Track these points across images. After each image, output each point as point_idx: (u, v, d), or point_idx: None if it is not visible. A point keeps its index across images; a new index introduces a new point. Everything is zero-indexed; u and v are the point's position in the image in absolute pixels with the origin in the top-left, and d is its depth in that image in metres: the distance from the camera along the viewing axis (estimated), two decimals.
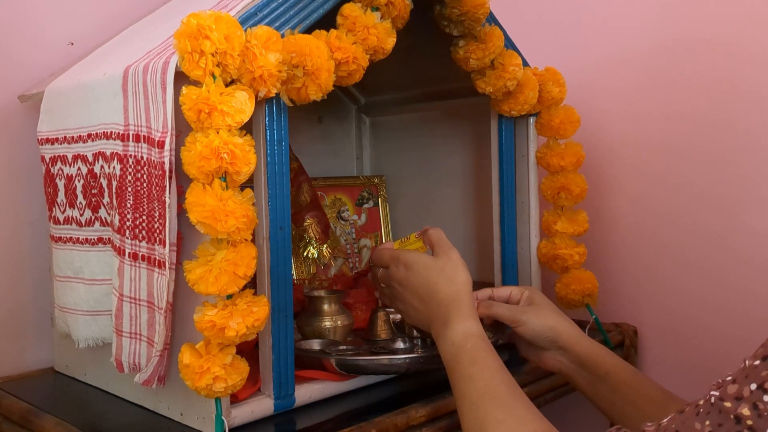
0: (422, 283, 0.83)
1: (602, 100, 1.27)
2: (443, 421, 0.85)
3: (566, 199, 1.11)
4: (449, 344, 0.78)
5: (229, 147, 0.68)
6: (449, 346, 0.78)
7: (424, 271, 0.84)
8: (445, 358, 0.78)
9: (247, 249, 0.70)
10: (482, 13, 0.97)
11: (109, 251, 0.84)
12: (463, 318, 0.79)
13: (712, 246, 1.15)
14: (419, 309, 0.84)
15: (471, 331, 0.78)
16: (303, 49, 0.76)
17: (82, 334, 0.88)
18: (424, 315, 0.84)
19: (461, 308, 0.80)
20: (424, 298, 0.83)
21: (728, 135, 1.13)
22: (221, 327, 0.69)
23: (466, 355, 0.75)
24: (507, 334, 0.94)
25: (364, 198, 1.42)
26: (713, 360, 1.16)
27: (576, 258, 1.10)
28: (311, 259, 1.25)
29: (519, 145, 1.14)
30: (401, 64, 1.11)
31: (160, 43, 0.81)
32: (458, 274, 0.83)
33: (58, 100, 0.92)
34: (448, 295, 0.81)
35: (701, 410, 0.51)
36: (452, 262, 0.84)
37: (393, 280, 0.87)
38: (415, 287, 0.84)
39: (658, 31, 1.20)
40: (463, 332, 0.78)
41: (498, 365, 0.74)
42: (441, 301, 0.81)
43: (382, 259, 0.89)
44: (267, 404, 0.80)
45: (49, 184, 0.93)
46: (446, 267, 0.83)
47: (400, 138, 1.43)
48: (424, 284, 0.83)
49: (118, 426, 0.83)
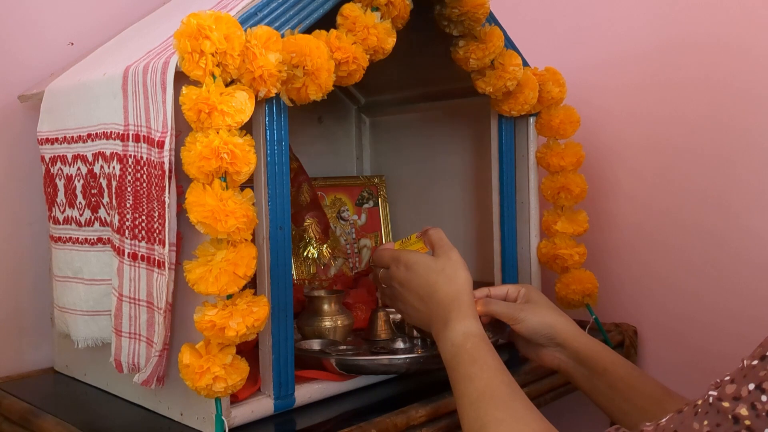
0: (422, 283, 0.83)
1: (602, 100, 1.27)
2: (443, 421, 0.85)
3: (566, 199, 1.11)
4: (449, 344, 0.78)
5: (229, 147, 0.68)
6: (449, 346, 0.78)
7: (425, 272, 0.84)
8: (445, 358, 0.78)
9: (247, 249, 0.70)
10: (482, 13, 0.97)
11: (108, 251, 0.84)
12: (463, 317, 0.79)
13: (712, 246, 1.15)
14: (420, 309, 0.84)
15: (471, 331, 0.78)
16: (303, 49, 0.76)
17: (81, 334, 0.88)
18: (424, 315, 0.84)
19: (461, 308, 0.80)
20: (425, 298, 0.83)
21: (728, 135, 1.13)
22: (221, 327, 0.69)
23: (466, 354, 0.75)
24: (507, 333, 0.94)
25: (364, 198, 1.42)
26: (713, 360, 1.16)
27: (576, 258, 1.10)
28: (311, 259, 1.25)
29: (519, 145, 1.14)
30: (401, 64, 1.11)
31: (160, 43, 0.81)
32: (458, 274, 0.83)
33: (58, 100, 0.91)
34: (448, 295, 0.81)
35: (699, 410, 0.51)
36: (452, 261, 0.84)
37: (393, 280, 0.87)
38: (416, 287, 0.84)
39: (658, 30, 1.20)
40: (463, 332, 0.78)
41: (498, 365, 0.74)
42: (441, 300, 0.81)
43: (382, 259, 0.90)
44: (267, 404, 0.80)
45: (48, 184, 0.93)
46: (446, 267, 0.83)
47: (400, 138, 1.43)
48: (424, 284, 0.83)
49: (118, 426, 0.83)
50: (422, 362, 0.88)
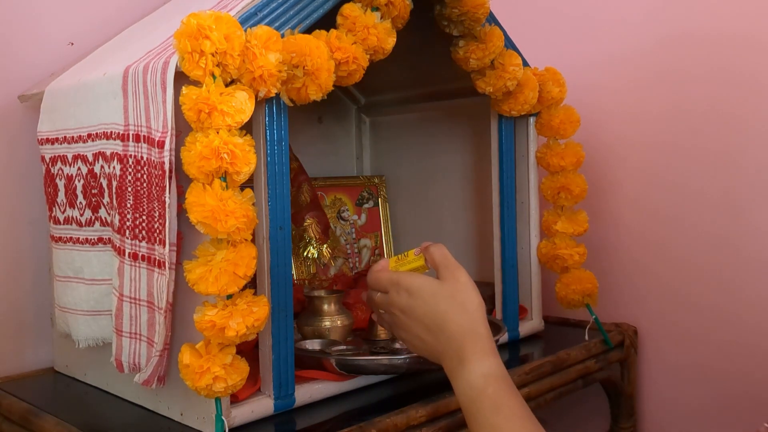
0: (429, 311, 0.74)
1: (603, 99, 1.27)
2: (443, 421, 0.85)
3: (566, 199, 1.11)
4: (467, 387, 0.70)
5: (229, 147, 0.68)
6: (467, 389, 0.70)
7: (430, 299, 0.74)
8: (462, 401, 0.70)
9: (247, 249, 0.70)
10: (482, 13, 0.97)
11: (109, 251, 0.84)
12: (481, 355, 0.71)
13: (713, 246, 1.15)
14: (426, 340, 0.74)
15: (492, 372, 0.70)
16: (303, 49, 0.76)
17: (82, 334, 0.88)
18: (432, 347, 0.74)
19: (478, 343, 0.71)
20: (432, 329, 0.73)
21: (729, 135, 1.13)
22: (221, 327, 0.69)
23: (488, 401, 0.68)
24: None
25: (364, 198, 1.42)
26: (713, 360, 1.16)
27: (576, 258, 1.10)
28: (311, 259, 1.25)
29: (519, 145, 1.14)
30: (401, 64, 1.12)
31: (160, 43, 0.81)
32: (470, 300, 0.74)
33: (58, 100, 0.92)
34: (461, 327, 0.72)
35: None
36: (462, 285, 0.74)
37: (393, 306, 0.76)
38: (420, 316, 0.74)
39: (659, 28, 1.20)
40: (483, 373, 0.69)
41: (524, 412, 0.68)
42: (453, 333, 0.72)
43: (379, 282, 0.79)
44: (267, 404, 0.80)
45: (49, 184, 0.93)
46: (456, 293, 0.74)
47: (400, 138, 1.43)
48: (431, 313, 0.73)
49: (118, 426, 0.83)
50: (422, 362, 0.88)
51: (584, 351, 1.09)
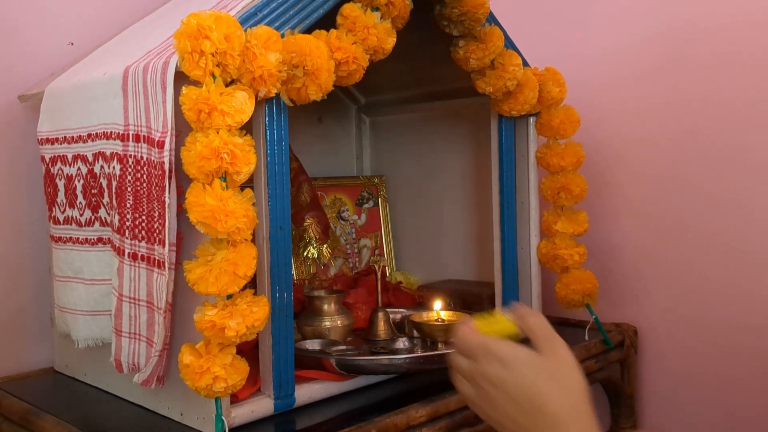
0: (525, 387, 0.64)
1: (603, 96, 1.27)
2: (443, 421, 0.85)
3: (566, 199, 1.11)
4: None
5: (229, 147, 0.68)
6: None
7: (529, 373, 0.64)
8: None
9: (247, 249, 0.70)
10: (482, 13, 0.97)
11: (108, 251, 0.84)
12: None
13: (713, 246, 1.15)
14: (519, 422, 0.64)
15: None
16: (303, 49, 0.76)
17: (81, 334, 0.88)
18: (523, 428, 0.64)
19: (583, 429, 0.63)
20: (526, 407, 0.64)
21: (731, 133, 1.13)
22: (221, 327, 0.69)
23: None
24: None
25: (364, 198, 1.42)
26: (713, 360, 1.16)
27: (576, 258, 1.10)
28: (311, 259, 1.25)
29: (519, 145, 1.14)
30: (401, 64, 1.11)
31: (160, 43, 0.81)
32: (574, 381, 0.65)
33: (58, 100, 0.92)
34: (562, 409, 0.63)
35: None
36: (564, 362, 0.65)
37: (482, 377, 0.66)
38: (513, 391, 0.65)
39: (659, 24, 1.20)
40: None
41: None
42: (553, 415, 0.63)
43: (467, 345, 0.68)
44: (267, 404, 0.80)
45: (49, 184, 0.93)
46: (557, 369, 0.65)
47: (400, 138, 1.43)
48: (528, 390, 0.64)
49: (118, 426, 0.83)
50: (422, 362, 0.88)
51: (584, 351, 1.09)
